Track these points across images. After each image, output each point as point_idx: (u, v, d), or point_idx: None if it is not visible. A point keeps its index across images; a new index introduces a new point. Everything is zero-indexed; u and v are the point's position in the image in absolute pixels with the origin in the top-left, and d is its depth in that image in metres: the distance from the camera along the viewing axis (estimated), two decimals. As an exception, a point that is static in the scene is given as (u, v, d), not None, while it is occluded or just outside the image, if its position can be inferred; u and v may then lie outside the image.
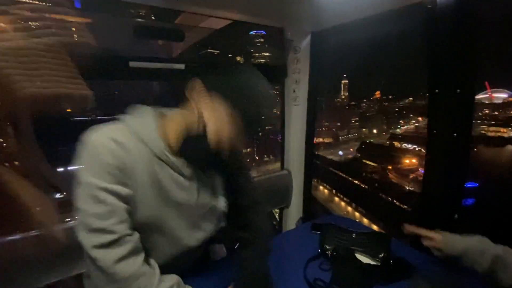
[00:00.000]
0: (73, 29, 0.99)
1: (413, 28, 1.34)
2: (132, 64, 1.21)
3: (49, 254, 1.08)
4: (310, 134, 1.84)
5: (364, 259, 0.96)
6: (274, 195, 1.81)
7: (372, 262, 0.94)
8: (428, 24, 1.13)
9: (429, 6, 1.09)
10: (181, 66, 1.32)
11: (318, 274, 0.90)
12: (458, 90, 1.09)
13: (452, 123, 1.14)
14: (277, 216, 2.12)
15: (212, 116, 0.63)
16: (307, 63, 1.67)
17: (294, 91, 1.71)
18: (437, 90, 1.16)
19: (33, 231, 1.05)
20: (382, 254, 0.95)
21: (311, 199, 1.95)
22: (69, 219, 1.18)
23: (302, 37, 1.60)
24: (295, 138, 1.82)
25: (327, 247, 1.01)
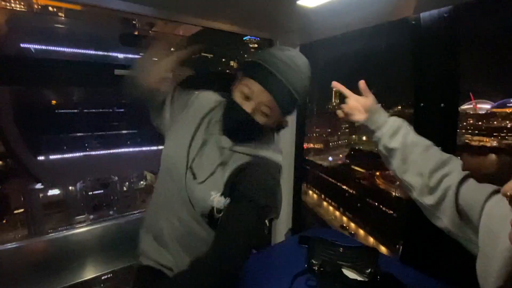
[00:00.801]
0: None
1: (399, 43, 1.38)
2: (117, 72, 1.19)
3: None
4: (299, 144, 1.84)
5: (351, 274, 0.95)
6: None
7: (359, 278, 0.93)
8: (413, 40, 1.16)
9: (413, 22, 1.12)
10: (169, 75, 1.30)
11: (304, 290, 0.88)
12: (442, 104, 1.11)
13: (437, 136, 1.16)
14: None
15: None
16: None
17: (283, 102, 1.71)
18: (422, 104, 1.18)
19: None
20: (369, 270, 0.94)
21: (301, 209, 1.94)
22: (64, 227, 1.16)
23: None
24: (285, 148, 1.81)
25: (314, 262, 0.99)
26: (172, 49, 0.84)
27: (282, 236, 1.88)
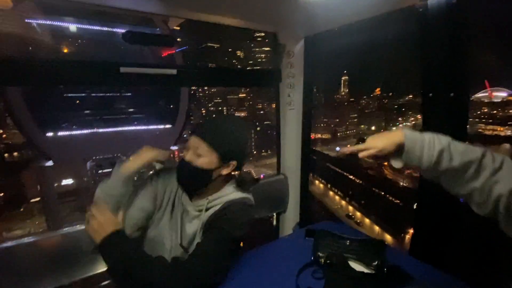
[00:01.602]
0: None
1: (406, 31, 1.34)
2: (122, 69, 1.20)
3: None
4: (306, 138, 1.83)
5: (358, 267, 0.95)
6: (270, 200, 1.80)
7: (366, 270, 0.93)
8: (420, 28, 1.13)
9: (420, 10, 1.08)
10: (173, 71, 1.31)
11: (310, 282, 0.89)
12: (452, 94, 1.08)
13: (447, 127, 1.13)
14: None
15: None
16: (301, 67, 1.66)
17: (288, 95, 1.70)
18: (431, 94, 1.15)
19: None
20: (376, 262, 0.94)
21: (308, 203, 1.94)
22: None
23: (296, 41, 1.60)
24: (291, 142, 1.81)
25: (320, 254, 1.00)
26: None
27: (289, 230, 1.89)
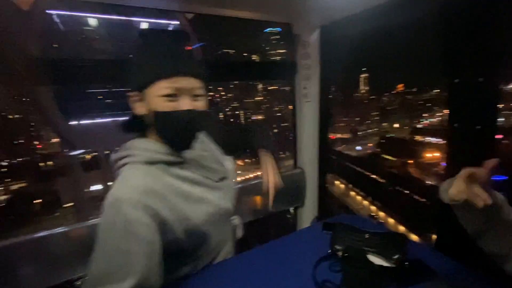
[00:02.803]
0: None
1: (430, 13, 1.26)
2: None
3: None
4: (323, 130, 1.79)
5: (377, 260, 0.91)
6: (288, 194, 1.78)
7: (386, 264, 0.89)
8: (445, 7, 1.06)
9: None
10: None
11: (327, 275, 0.86)
12: (481, 79, 1.01)
13: (475, 115, 1.06)
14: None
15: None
16: (317, 58, 1.62)
17: (304, 88, 1.67)
18: (456, 80, 1.08)
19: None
20: (397, 256, 0.89)
21: (326, 197, 1.90)
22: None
23: (311, 31, 1.56)
24: (308, 135, 1.78)
25: (338, 247, 0.97)
26: None
27: (307, 225, 1.86)
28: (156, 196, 0.67)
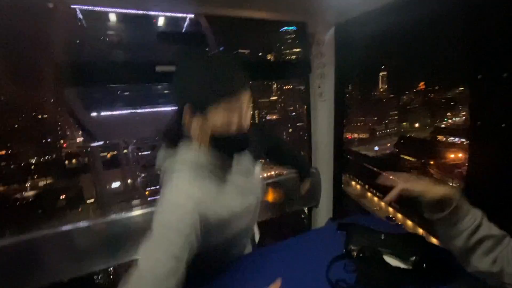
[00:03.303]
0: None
1: (451, 8, 1.21)
2: (158, 68, 1.28)
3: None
4: (338, 130, 1.77)
5: (393, 261, 0.89)
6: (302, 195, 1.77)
7: (402, 266, 0.87)
8: (468, 2, 1.02)
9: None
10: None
11: (342, 275, 0.86)
12: (505, 74, 0.96)
13: (499, 113, 1.01)
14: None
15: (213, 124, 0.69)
16: (332, 57, 1.61)
17: (319, 86, 1.66)
18: (480, 76, 1.04)
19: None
20: (414, 257, 0.87)
21: (341, 198, 1.87)
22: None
23: (326, 29, 1.55)
24: (323, 135, 1.76)
25: (353, 247, 0.95)
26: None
27: (322, 225, 1.84)
28: (205, 202, 0.70)
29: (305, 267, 0.92)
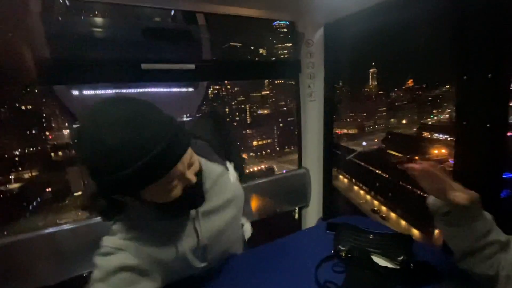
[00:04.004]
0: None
1: (438, 8, 1.22)
2: (144, 66, 1.24)
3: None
4: (328, 130, 1.77)
5: (381, 261, 0.90)
6: (292, 195, 1.78)
7: (390, 265, 0.88)
8: (453, 3, 1.03)
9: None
10: (192, 66, 1.32)
11: (330, 276, 0.86)
12: (490, 75, 0.98)
13: (485, 113, 1.03)
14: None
15: None
16: (321, 57, 1.60)
17: (309, 86, 1.65)
18: (465, 77, 1.05)
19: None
20: (402, 257, 0.88)
21: (332, 197, 1.88)
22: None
23: (315, 29, 1.54)
24: (313, 136, 1.76)
25: (341, 248, 0.96)
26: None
27: (312, 225, 1.85)
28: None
29: (294, 267, 0.92)
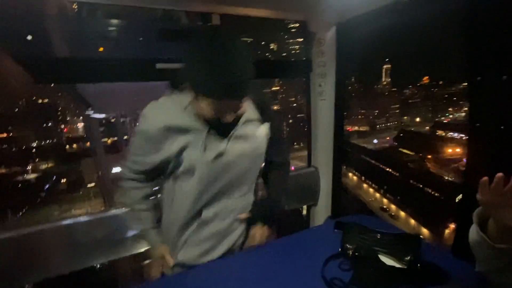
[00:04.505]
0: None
1: (452, 8, 1.20)
2: (158, 66, 1.28)
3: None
4: (338, 129, 1.77)
5: (388, 261, 0.91)
6: (301, 193, 1.79)
7: (397, 265, 0.89)
8: (467, 3, 1.01)
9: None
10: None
11: (337, 273, 0.88)
12: (504, 77, 0.96)
13: (498, 115, 1.02)
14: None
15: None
16: (333, 56, 1.60)
17: (320, 85, 1.66)
18: (479, 78, 1.04)
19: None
20: (409, 257, 0.89)
21: (340, 196, 1.89)
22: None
23: (327, 29, 1.54)
24: (323, 134, 1.77)
25: (349, 246, 0.98)
26: None
27: (320, 223, 1.87)
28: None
29: (301, 265, 0.94)
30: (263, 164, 1.06)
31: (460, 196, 1.18)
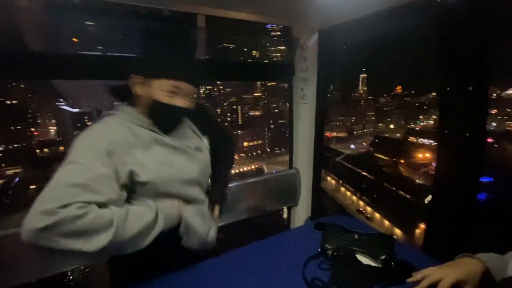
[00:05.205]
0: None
1: (425, 23, 1.29)
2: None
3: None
4: (319, 132, 1.82)
5: (365, 260, 0.95)
6: (282, 194, 1.81)
7: (373, 264, 0.93)
8: (439, 19, 1.09)
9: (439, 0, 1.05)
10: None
11: (317, 273, 0.90)
12: (470, 88, 1.04)
13: (465, 123, 1.10)
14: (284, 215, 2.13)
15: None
16: (315, 61, 1.65)
17: (302, 89, 1.70)
18: (448, 88, 1.12)
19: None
20: (384, 256, 0.94)
21: (320, 198, 1.93)
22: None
23: (310, 34, 1.59)
24: (304, 137, 1.81)
25: (328, 246, 1.00)
26: None
27: (301, 224, 1.90)
28: (122, 147, 0.76)
29: (282, 265, 0.95)
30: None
31: (429, 197, 1.25)
